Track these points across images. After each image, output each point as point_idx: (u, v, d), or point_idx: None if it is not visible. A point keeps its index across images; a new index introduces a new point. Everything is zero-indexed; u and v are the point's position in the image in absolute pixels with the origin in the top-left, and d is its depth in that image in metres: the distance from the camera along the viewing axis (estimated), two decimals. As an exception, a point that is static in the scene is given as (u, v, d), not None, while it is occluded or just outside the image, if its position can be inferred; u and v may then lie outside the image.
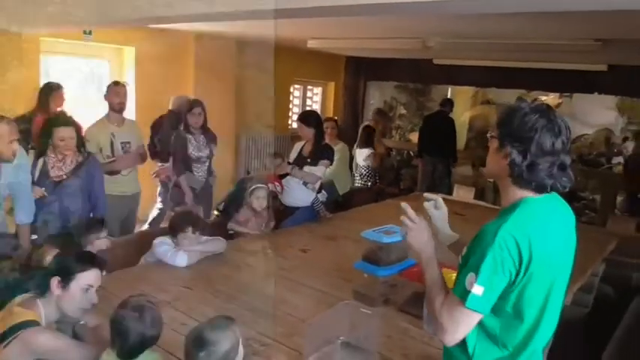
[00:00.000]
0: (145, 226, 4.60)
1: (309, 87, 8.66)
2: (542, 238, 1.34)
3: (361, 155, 6.50)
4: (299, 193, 3.96)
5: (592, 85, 6.80)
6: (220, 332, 1.53)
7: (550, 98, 7.39)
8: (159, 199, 4.64)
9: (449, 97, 7.86)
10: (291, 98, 8.21)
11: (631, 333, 2.97)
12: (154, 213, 4.64)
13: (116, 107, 3.89)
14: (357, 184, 6.48)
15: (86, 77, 5.66)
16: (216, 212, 4.66)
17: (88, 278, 1.93)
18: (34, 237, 2.99)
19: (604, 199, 6.82)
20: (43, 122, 3.49)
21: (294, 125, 5.59)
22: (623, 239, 4.14)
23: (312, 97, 8.80)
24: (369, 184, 6.50)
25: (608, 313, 3.52)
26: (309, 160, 3.91)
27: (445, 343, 1.42)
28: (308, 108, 8.35)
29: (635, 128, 6.52)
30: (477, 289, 1.32)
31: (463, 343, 1.42)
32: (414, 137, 7.98)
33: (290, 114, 8.17)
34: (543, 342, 1.47)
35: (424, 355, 2.09)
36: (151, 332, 1.67)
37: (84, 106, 5.09)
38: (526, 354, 1.42)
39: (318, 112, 8.03)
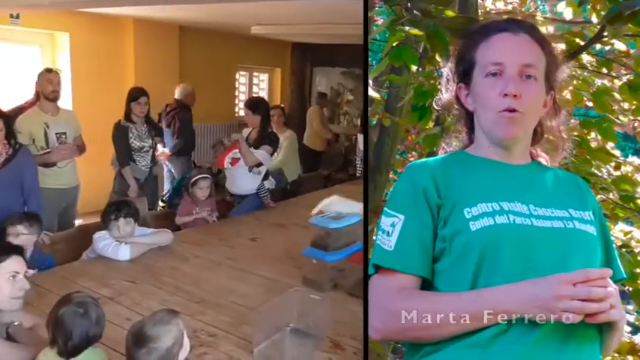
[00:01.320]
0: None
1: (255, 73, 8.54)
2: None
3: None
4: (245, 181, 3.92)
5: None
6: (162, 327, 1.48)
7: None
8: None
9: (395, 82, 7.93)
10: (237, 85, 8.06)
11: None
12: None
13: (49, 96, 3.68)
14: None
15: (15, 64, 5.34)
16: (161, 203, 4.55)
17: (11, 266, 1.84)
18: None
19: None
20: None
21: (242, 113, 5.51)
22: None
23: (259, 83, 8.67)
24: None
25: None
26: (253, 147, 3.87)
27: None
28: (255, 95, 8.24)
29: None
30: None
31: None
32: (361, 123, 8.05)
33: (236, 101, 8.03)
34: None
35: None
36: (96, 329, 1.61)
37: (14, 96, 4.78)
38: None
39: (266, 98, 7.95)
